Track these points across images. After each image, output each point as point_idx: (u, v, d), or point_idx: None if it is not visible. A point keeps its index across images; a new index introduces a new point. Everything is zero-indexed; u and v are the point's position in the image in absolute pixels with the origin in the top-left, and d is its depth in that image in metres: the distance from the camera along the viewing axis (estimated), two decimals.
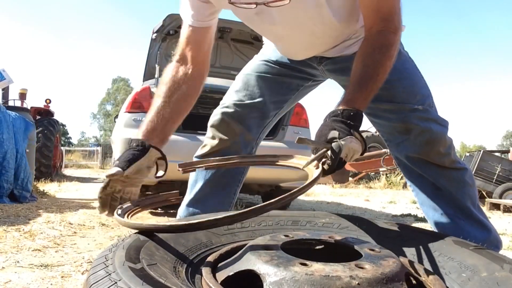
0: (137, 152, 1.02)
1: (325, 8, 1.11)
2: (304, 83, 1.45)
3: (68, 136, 46.04)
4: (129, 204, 0.91)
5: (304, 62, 1.38)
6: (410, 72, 1.26)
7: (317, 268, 0.57)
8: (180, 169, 1.05)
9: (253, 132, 1.38)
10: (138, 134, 1.09)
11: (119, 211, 0.83)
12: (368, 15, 1.06)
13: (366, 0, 1.05)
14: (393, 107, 1.20)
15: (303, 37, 1.24)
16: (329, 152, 0.82)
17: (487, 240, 1.23)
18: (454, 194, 1.24)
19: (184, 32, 1.19)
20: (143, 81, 4.08)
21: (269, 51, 1.45)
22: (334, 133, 0.83)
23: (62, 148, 12.02)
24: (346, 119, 0.86)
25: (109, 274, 0.55)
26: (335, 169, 0.82)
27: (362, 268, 0.59)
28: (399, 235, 0.88)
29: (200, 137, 2.87)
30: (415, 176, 1.28)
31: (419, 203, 1.33)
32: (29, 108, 7.74)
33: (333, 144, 0.82)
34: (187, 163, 1.08)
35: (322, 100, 22.63)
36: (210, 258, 0.71)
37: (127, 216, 0.83)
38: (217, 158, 1.13)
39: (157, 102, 1.14)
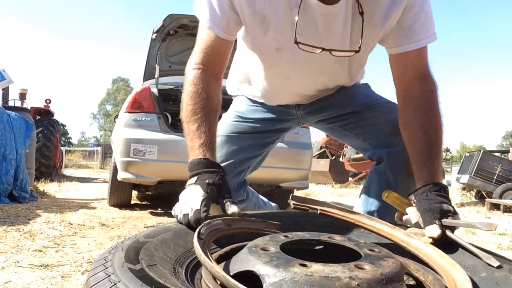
0: (223, 174, 0.92)
1: (346, 65, 1.19)
2: (279, 136, 1.48)
3: (68, 136, 46.12)
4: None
5: (282, 111, 1.40)
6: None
7: (317, 268, 0.57)
8: (292, 202, 0.91)
9: (232, 182, 1.32)
10: (205, 154, 0.97)
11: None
12: (404, 77, 1.07)
13: (402, 62, 1.06)
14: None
15: (306, 82, 1.27)
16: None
17: None
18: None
19: (208, 43, 1.09)
20: (143, 81, 4.08)
21: (242, 107, 1.44)
22: (448, 207, 0.86)
23: (62, 148, 12.02)
24: (446, 194, 0.90)
25: (109, 276, 0.55)
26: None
27: (361, 268, 0.59)
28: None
29: None
30: (381, 172, 1.27)
31: (363, 192, 1.32)
32: (29, 108, 7.73)
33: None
34: (300, 198, 0.93)
35: None
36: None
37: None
38: (338, 206, 0.92)
39: (203, 120, 1.03)
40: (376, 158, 1.29)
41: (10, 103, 7.50)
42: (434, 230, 0.79)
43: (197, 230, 0.69)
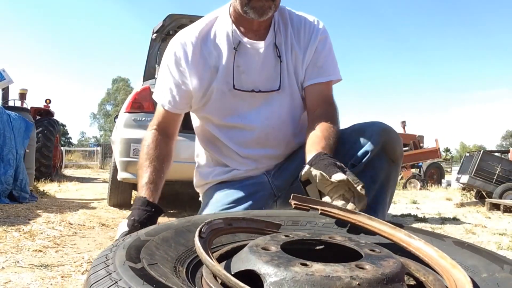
0: (152, 214, 1.13)
1: (286, 108, 1.36)
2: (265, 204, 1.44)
3: (68, 136, 46.09)
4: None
5: (252, 184, 1.39)
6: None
7: (318, 268, 0.57)
8: (293, 202, 0.93)
9: None
10: (144, 194, 1.19)
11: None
12: (314, 102, 1.34)
13: (315, 91, 1.35)
14: None
15: (260, 122, 1.35)
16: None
17: None
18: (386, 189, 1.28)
19: (161, 113, 1.36)
20: (143, 81, 4.08)
21: (214, 198, 1.41)
22: (341, 164, 1.03)
23: (62, 148, 12.03)
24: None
25: (110, 274, 0.55)
26: None
27: (362, 268, 0.59)
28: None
29: None
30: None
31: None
32: (29, 108, 7.74)
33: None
34: (301, 198, 0.94)
35: None
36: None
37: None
38: (340, 207, 0.94)
39: (149, 166, 1.26)
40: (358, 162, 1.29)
41: (10, 103, 7.50)
42: (340, 175, 0.95)
43: (198, 229, 0.69)
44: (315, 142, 1.19)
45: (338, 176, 0.95)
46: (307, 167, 1.07)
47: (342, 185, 0.97)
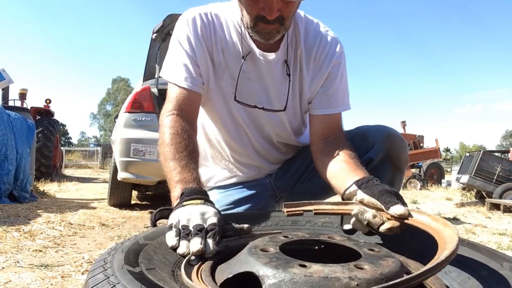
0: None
1: (286, 122, 1.29)
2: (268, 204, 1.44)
3: (68, 136, 46.07)
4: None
5: (254, 185, 1.39)
6: None
7: (316, 269, 0.57)
8: (285, 210, 0.90)
9: None
10: (194, 182, 0.92)
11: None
12: (324, 131, 1.24)
13: (325, 121, 1.24)
14: None
15: (262, 128, 1.30)
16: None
17: None
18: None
19: (177, 93, 1.15)
20: (143, 81, 4.08)
21: (216, 198, 1.37)
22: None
23: (62, 148, 12.02)
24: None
25: (108, 277, 0.55)
26: None
27: (361, 268, 0.59)
28: (398, 234, 0.88)
29: None
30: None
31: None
32: (29, 108, 7.75)
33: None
34: (292, 204, 0.91)
35: None
36: (209, 260, 0.70)
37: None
38: (331, 202, 0.93)
39: (188, 156, 1.01)
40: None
41: (10, 103, 7.51)
42: (399, 208, 0.80)
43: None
44: (351, 169, 1.03)
45: (398, 210, 0.80)
46: (353, 187, 0.93)
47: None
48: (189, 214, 0.76)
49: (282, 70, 1.22)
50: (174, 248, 0.69)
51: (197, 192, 0.84)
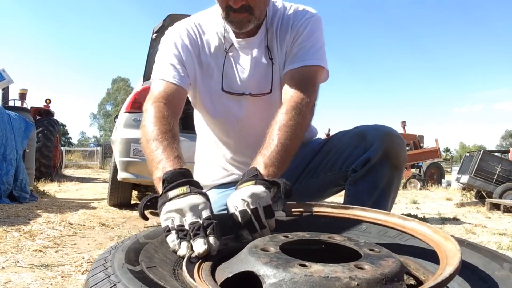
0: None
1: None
2: None
3: (68, 136, 46.11)
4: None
5: None
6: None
7: (316, 269, 0.57)
8: (286, 211, 0.91)
9: None
10: (175, 161, 0.93)
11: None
12: (287, 87, 1.21)
13: (286, 79, 1.23)
14: None
15: (254, 122, 1.30)
16: None
17: None
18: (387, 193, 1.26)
19: (164, 87, 1.18)
20: (143, 81, 4.08)
21: (214, 197, 1.36)
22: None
23: (62, 148, 12.02)
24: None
25: (108, 276, 0.55)
26: None
27: (361, 268, 0.59)
28: (398, 234, 0.88)
29: None
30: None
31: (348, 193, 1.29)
32: (29, 108, 7.74)
33: None
34: (292, 205, 0.92)
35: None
36: (209, 260, 0.70)
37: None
38: (331, 204, 0.94)
39: (171, 138, 1.02)
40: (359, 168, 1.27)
41: (10, 103, 7.51)
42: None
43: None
44: (263, 144, 1.07)
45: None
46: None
47: None
48: (180, 209, 0.75)
49: (264, 55, 1.29)
50: (177, 251, 0.70)
51: (178, 176, 0.83)
